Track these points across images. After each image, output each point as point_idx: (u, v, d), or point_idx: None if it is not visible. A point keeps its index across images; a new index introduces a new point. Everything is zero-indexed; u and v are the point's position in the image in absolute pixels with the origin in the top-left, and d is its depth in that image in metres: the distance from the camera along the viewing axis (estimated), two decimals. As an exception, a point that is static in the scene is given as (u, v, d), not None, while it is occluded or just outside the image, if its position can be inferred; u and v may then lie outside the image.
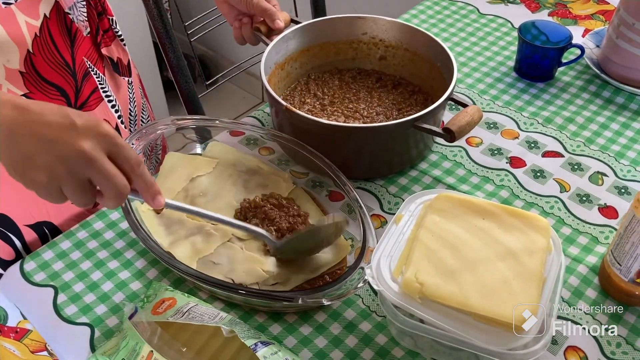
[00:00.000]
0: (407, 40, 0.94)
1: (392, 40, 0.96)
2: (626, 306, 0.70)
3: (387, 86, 0.96)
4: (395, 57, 0.97)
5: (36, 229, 0.79)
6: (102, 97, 0.81)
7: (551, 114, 0.95)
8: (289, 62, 0.94)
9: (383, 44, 0.97)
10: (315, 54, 0.97)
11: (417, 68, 0.95)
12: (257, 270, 0.71)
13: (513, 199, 0.82)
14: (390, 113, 0.90)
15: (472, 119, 0.76)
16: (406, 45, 0.95)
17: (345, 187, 0.77)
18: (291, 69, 0.95)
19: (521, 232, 0.64)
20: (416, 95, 0.94)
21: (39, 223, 0.79)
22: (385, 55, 0.97)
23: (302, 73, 0.97)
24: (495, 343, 0.58)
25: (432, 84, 0.93)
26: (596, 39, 1.05)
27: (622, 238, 0.66)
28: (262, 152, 0.89)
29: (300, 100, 0.94)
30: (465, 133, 0.76)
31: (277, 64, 0.92)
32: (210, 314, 0.63)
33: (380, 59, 0.98)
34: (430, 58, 0.91)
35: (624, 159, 0.88)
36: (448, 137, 0.76)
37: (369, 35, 0.96)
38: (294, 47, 0.94)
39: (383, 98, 0.93)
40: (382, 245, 0.65)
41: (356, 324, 0.68)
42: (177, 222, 0.75)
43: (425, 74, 0.93)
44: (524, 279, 0.60)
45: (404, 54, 0.96)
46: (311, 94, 0.95)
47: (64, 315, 0.69)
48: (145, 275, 0.73)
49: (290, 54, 0.94)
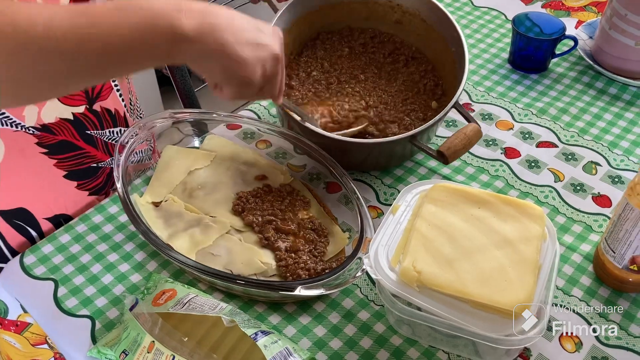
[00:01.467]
0: (425, 12, 0.90)
1: (410, 7, 0.92)
2: (620, 292, 0.71)
3: (399, 62, 0.93)
4: (411, 24, 0.93)
5: (53, 222, 0.81)
6: (112, 86, 0.82)
7: (545, 104, 0.96)
8: (297, 24, 0.89)
9: (400, 9, 0.92)
10: (326, 14, 0.93)
11: (432, 42, 0.91)
12: (255, 261, 0.71)
13: (508, 189, 0.83)
14: (395, 105, 0.88)
15: (469, 142, 0.74)
16: (424, 16, 0.91)
17: (342, 178, 0.78)
18: (299, 31, 0.91)
19: (516, 220, 0.65)
20: (427, 79, 0.91)
21: (56, 216, 0.81)
22: (401, 20, 0.93)
23: (311, 32, 0.94)
24: (492, 329, 0.58)
25: (444, 65, 0.89)
26: (589, 30, 1.06)
27: (616, 226, 0.67)
28: (259, 145, 0.89)
29: (306, 71, 0.91)
30: (459, 156, 0.75)
31: (284, 30, 0.84)
32: (211, 305, 0.64)
33: (396, 23, 0.94)
34: (446, 39, 0.88)
35: (617, 148, 0.89)
36: (441, 160, 0.75)
37: None
38: (303, 9, 0.89)
39: (392, 79, 0.90)
40: (380, 235, 0.66)
41: (355, 313, 0.69)
42: (176, 215, 0.76)
43: (439, 53, 0.90)
44: (520, 266, 0.61)
45: (420, 24, 0.92)
46: (318, 63, 0.91)
47: (64, 308, 0.70)
48: (145, 268, 0.74)
49: (299, 17, 0.89)
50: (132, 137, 0.77)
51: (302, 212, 0.78)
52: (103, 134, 0.82)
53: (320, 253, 0.73)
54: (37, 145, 0.75)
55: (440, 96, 0.89)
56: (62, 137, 0.77)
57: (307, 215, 0.77)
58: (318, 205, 0.80)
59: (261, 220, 0.75)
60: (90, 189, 0.84)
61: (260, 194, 0.79)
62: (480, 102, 0.97)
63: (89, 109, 0.78)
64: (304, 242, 0.74)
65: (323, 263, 0.72)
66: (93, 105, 0.79)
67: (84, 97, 0.77)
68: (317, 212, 0.79)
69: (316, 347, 0.66)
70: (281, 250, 0.72)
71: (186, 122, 0.84)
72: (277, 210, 0.77)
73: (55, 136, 0.76)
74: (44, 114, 0.73)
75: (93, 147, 0.81)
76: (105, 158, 0.84)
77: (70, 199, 0.82)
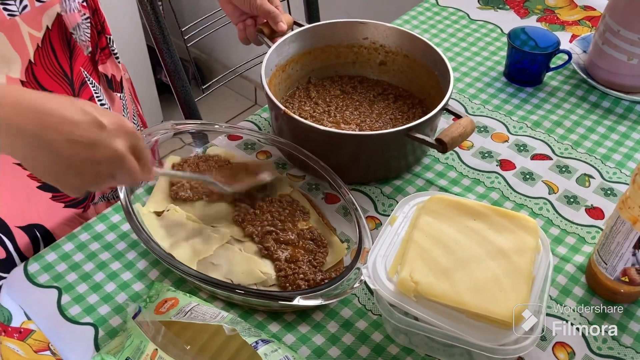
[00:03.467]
0: (406, 46, 0.96)
1: (392, 46, 0.97)
2: (612, 303, 0.72)
3: (388, 99, 0.97)
4: (395, 62, 0.98)
5: (28, 232, 0.81)
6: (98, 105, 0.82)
7: (540, 117, 0.98)
8: (290, 64, 0.95)
9: (383, 50, 0.98)
10: (316, 57, 0.98)
11: (416, 75, 0.96)
12: (255, 271, 0.73)
13: (503, 200, 0.85)
14: (386, 125, 0.91)
15: (464, 130, 0.78)
16: (406, 51, 0.96)
17: (341, 189, 0.79)
18: (292, 71, 0.96)
19: (511, 232, 0.67)
20: (415, 108, 0.95)
21: (30, 225, 0.81)
22: (385, 60, 0.99)
23: (303, 75, 0.99)
24: (487, 339, 0.60)
25: (429, 91, 0.94)
26: (583, 45, 1.08)
27: (608, 238, 0.69)
28: (260, 156, 0.91)
29: (300, 107, 0.95)
30: (457, 144, 0.78)
31: (278, 66, 0.93)
32: (212, 313, 0.65)
33: (380, 64, 1.00)
34: (429, 66, 0.93)
35: (609, 161, 0.90)
36: (440, 148, 0.77)
37: (369, 40, 0.98)
38: (296, 49, 0.95)
39: (382, 111, 0.94)
40: (378, 245, 0.67)
41: (353, 322, 0.71)
42: (178, 225, 0.77)
43: (424, 81, 0.95)
44: (514, 277, 0.63)
45: (404, 60, 0.97)
46: (312, 101, 0.96)
47: (68, 316, 0.71)
48: (147, 276, 0.75)
49: (292, 56, 0.95)
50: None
51: (302, 222, 0.79)
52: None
53: (319, 263, 0.75)
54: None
55: None
56: None
57: (306, 226, 0.79)
58: (317, 216, 0.81)
59: (261, 231, 0.77)
60: (66, 201, 0.84)
61: (260, 204, 0.80)
62: (475, 114, 0.98)
63: None
64: (303, 253, 0.75)
65: (322, 273, 0.74)
66: None
67: None
68: (316, 223, 0.80)
69: (315, 356, 0.67)
70: (281, 261, 0.74)
71: (187, 133, 0.86)
72: (277, 220, 0.78)
73: None
74: None
75: None
76: None
77: (45, 210, 0.82)
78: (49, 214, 0.83)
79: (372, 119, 0.93)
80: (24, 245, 0.81)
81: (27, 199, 0.79)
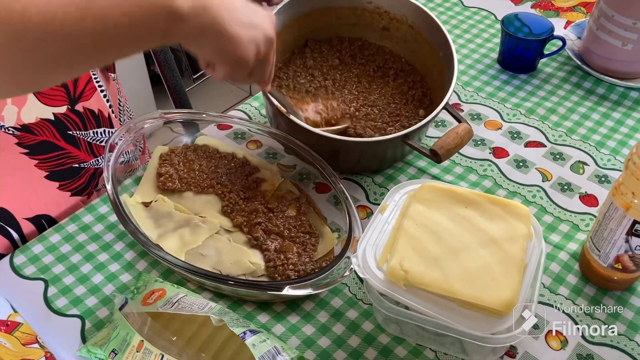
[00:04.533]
0: (412, 17, 0.92)
1: (397, 14, 0.93)
2: (605, 291, 0.72)
3: (388, 75, 0.94)
4: (398, 30, 0.94)
5: (34, 222, 0.80)
6: (96, 87, 0.82)
7: (533, 104, 0.97)
8: (287, 29, 0.89)
9: (388, 16, 0.94)
10: (315, 18, 0.93)
11: (419, 47, 0.92)
12: (244, 262, 0.72)
13: (496, 188, 0.84)
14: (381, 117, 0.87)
15: (461, 141, 0.76)
16: (411, 22, 0.92)
17: (331, 178, 0.78)
18: (288, 36, 0.91)
19: (503, 219, 0.66)
20: (415, 89, 0.92)
21: (37, 216, 0.80)
22: (388, 26, 0.95)
23: (299, 37, 0.94)
24: (478, 328, 0.59)
25: (431, 70, 0.91)
26: (577, 31, 1.07)
27: (601, 225, 0.68)
28: (250, 145, 0.90)
29: (295, 79, 0.91)
30: (452, 155, 0.76)
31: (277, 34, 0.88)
32: (200, 304, 0.64)
33: (383, 29, 0.95)
34: (434, 44, 0.89)
35: (604, 148, 0.89)
36: (434, 159, 0.76)
37: (374, 4, 0.93)
38: (293, 13, 0.89)
39: (381, 92, 0.91)
40: (368, 234, 0.66)
41: (343, 312, 0.70)
42: (166, 215, 0.76)
43: (426, 58, 0.91)
44: (506, 265, 0.62)
45: (408, 30, 0.93)
46: (308, 71, 0.92)
47: (54, 308, 0.70)
48: (135, 267, 0.74)
49: (289, 21, 0.89)
50: (121, 137, 0.77)
51: (292, 212, 0.78)
52: (87, 134, 0.82)
53: (310, 253, 0.74)
54: (17, 145, 0.75)
55: (427, 105, 0.89)
56: (43, 137, 0.77)
57: (296, 215, 0.78)
58: (308, 206, 0.80)
59: (250, 221, 0.76)
60: (72, 189, 0.83)
61: (249, 194, 0.79)
62: (469, 102, 0.97)
63: (70, 110, 0.78)
64: (293, 243, 0.74)
65: (312, 263, 0.73)
66: (75, 105, 0.79)
67: (65, 98, 0.77)
68: (306, 213, 0.79)
69: (305, 346, 0.67)
70: (270, 251, 0.73)
71: (177, 122, 0.85)
72: (267, 210, 0.77)
73: (36, 136, 0.76)
74: (23, 114, 0.73)
75: (75, 147, 0.81)
76: (88, 159, 0.84)
77: (52, 199, 0.81)
78: (56, 203, 0.82)
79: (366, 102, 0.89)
80: (29, 234, 0.80)
81: (34, 190, 0.79)
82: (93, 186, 0.86)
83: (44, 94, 0.75)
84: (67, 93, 0.78)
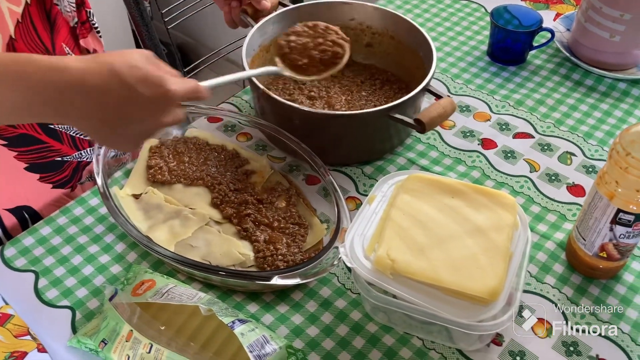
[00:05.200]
0: (392, 27, 0.95)
1: (379, 28, 0.96)
2: (590, 279, 0.72)
3: (375, 85, 0.95)
4: (381, 44, 0.97)
5: (15, 214, 0.80)
6: None
7: (522, 96, 0.97)
8: (273, 44, 0.92)
9: (370, 31, 0.97)
10: None
11: (402, 57, 0.95)
12: (233, 252, 0.72)
13: (484, 179, 0.84)
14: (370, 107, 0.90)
15: (444, 111, 0.77)
16: (392, 32, 0.95)
17: (320, 170, 0.79)
18: (274, 51, 0.91)
19: (489, 209, 0.67)
20: (401, 93, 0.93)
21: (18, 207, 0.80)
22: (371, 42, 0.97)
23: None
24: (464, 316, 0.60)
25: (415, 74, 0.92)
26: (566, 23, 1.08)
27: (586, 214, 0.69)
28: (240, 138, 0.90)
29: (284, 89, 0.93)
30: (436, 125, 0.77)
31: (261, 47, 0.91)
32: (189, 294, 0.64)
33: (367, 46, 0.98)
34: (414, 47, 0.91)
35: (592, 139, 0.90)
36: (419, 128, 0.77)
37: (356, 21, 0.96)
38: (280, 29, 0.92)
39: (369, 96, 0.93)
40: (356, 225, 0.67)
41: (331, 301, 0.71)
42: (156, 207, 0.77)
43: (409, 64, 0.93)
44: (492, 254, 0.63)
45: (390, 42, 0.96)
46: (297, 83, 0.93)
47: (45, 299, 0.70)
48: (125, 259, 0.74)
49: (276, 36, 0.92)
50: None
51: (281, 203, 0.79)
52: (69, 128, 0.82)
53: (299, 244, 0.74)
54: None
55: None
56: (23, 130, 0.77)
57: (286, 207, 0.78)
58: (297, 197, 0.81)
59: (240, 212, 0.76)
60: (55, 182, 0.83)
61: (239, 186, 0.80)
62: (458, 94, 0.98)
63: None
64: (282, 234, 0.75)
65: (301, 253, 0.73)
66: None
67: None
68: (296, 204, 0.80)
69: (293, 335, 0.67)
70: (259, 242, 0.73)
71: (166, 115, 0.85)
72: (256, 202, 0.78)
73: (15, 129, 0.76)
74: None
75: (57, 141, 0.81)
76: (71, 152, 0.84)
77: (33, 191, 0.81)
78: (37, 194, 0.82)
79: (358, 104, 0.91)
80: (11, 226, 0.80)
81: (15, 181, 0.79)
82: (77, 179, 0.86)
83: None
84: None
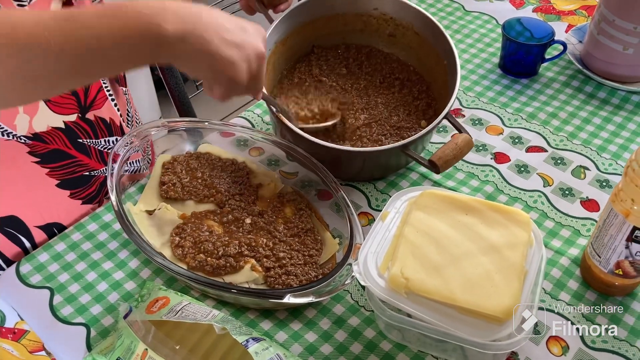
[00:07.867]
0: (418, 24, 0.92)
1: (403, 21, 0.94)
2: (606, 296, 0.72)
3: (394, 86, 0.94)
4: (404, 37, 0.95)
5: (46, 230, 0.81)
6: (107, 96, 0.83)
7: (535, 109, 0.97)
8: (293, 35, 0.91)
9: (394, 22, 0.94)
10: (321, 25, 0.94)
11: (425, 55, 0.93)
12: (246, 269, 0.72)
13: (497, 193, 0.84)
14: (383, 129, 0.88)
15: (460, 152, 0.75)
16: (417, 29, 0.93)
17: (332, 185, 0.79)
18: (293, 43, 0.92)
19: (503, 226, 0.66)
20: (420, 99, 0.92)
21: (48, 224, 0.82)
22: (394, 33, 0.95)
23: (305, 44, 0.94)
24: (479, 335, 0.60)
25: (436, 78, 0.91)
26: (579, 35, 1.07)
27: (601, 231, 0.68)
28: (252, 153, 0.90)
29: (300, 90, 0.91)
30: (450, 166, 0.75)
31: (277, 43, 0.89)
32: (203, 312, 0.65)
33: (389, 36, 0.96)
34: (439, 52, 0.89)
35: (605, 152, 0.90)
36: (433, 170, 0.76)
37: (379, 11, 0.94)
38: (299, 21, 0.90)
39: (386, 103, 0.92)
40: (369, 242, 0.67)
41: (345, 319, 0.70)
42: (169, 224, 0.77)
43: (432, 66, 0.92)
44: (506, 272, 0.63)
45: (414, 37, 0.93)
46: (314, 78, 0.91)
47: (60, 316, 0.71)
48: (139, 275, 0.75)
49: (295, 27, 0.90)
50: (125, 146, 0.78)
51: (294, 219, 0.79)
52: (97, 142, 0.83)
53: (312, 259, 0.74)
54: (28, 154, 0.76)
55: (431, 116, 0.89)
56: (54, 145, 0.78)
57: (298, 223, 0.78)
58: (310, 212, 0.81)
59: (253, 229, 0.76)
60: (83, 197, 0.84)
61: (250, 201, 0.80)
62: (470, 107, 0.98)
63: (81, 118, 0.79)
64: (295, 249, 0.75)
65: (314, 270, 0.73)
66: (86, 114, 0.80)
67: (76, 106, 0.78)
68: (308, 219, 0.80)
69: (307, 353, 0.67)
70: (271, 258, 0.73)
71: (180, 130, 0.85)
72: (269, 218, 0.78)
73: (47, 145, 0.77)
74: (35, 123, 0.74)
75: (85, 155, 0.82)
76: (98, 167, 0.85)
77: (63, 207, 0.82)
78: (67, 211, 0.83)
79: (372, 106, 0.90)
80: (41, 242, 0.81)
81: (46, 198, 0.80)
82: (104, 194, 0.87)
83: (54, 102, 0.76)
84: (77, 101, 0.79)
